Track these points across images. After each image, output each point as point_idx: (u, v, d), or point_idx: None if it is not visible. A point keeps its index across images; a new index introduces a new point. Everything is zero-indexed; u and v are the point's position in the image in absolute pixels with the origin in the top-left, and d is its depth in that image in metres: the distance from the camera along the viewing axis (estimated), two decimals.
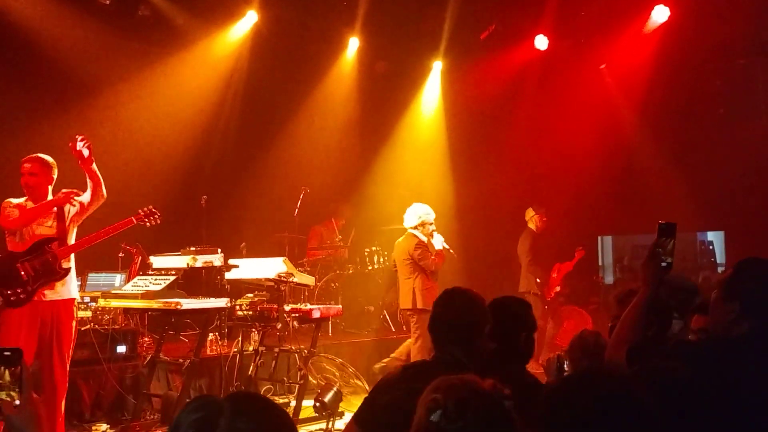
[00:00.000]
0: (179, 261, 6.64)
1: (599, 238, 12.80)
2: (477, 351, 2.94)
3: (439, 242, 7.50)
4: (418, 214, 7.58)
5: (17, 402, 1.84)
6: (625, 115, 10.98)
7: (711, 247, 12.64)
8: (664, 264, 2.80)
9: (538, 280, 9.08)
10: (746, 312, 2.63)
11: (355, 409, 7.06)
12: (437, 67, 11.39)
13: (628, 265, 12.81)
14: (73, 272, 5.53)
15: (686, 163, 10.80)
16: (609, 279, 12.90)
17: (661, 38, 9.80)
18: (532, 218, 9.32)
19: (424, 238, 7.53)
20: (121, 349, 7.01)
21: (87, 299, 7.07)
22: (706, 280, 9.25)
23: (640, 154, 11.11)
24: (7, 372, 1.86)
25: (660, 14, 9.63)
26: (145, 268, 7.09)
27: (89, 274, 7.46)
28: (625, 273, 12.58)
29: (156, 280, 6.58)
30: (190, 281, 6.78)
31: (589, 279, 11.21)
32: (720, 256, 12.29)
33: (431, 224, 7.58)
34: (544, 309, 9.10)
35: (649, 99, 10.54)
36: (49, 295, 5.34)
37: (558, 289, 9.23)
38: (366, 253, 9.76)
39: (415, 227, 7.57)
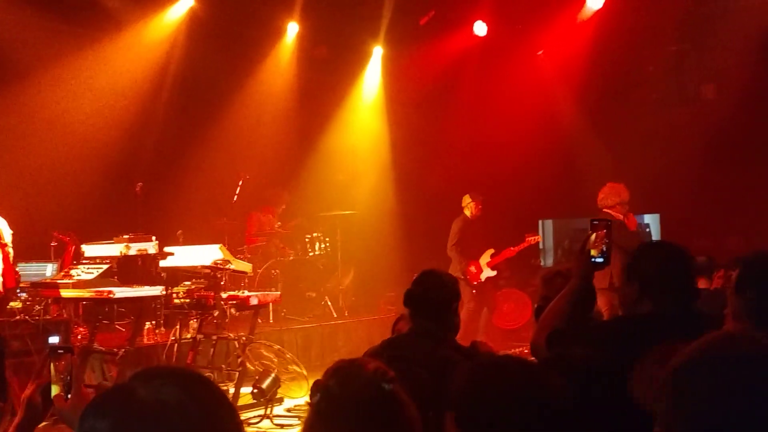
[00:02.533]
0: (112, 249, 6.56)
1: (540, 221, 12.99)
2: (448, 324, 3.42)
3: (633, 222, 7.26)
4: (617, 193, 7.28)
5: (68, 396, 1.94)
6: (563, 100, 11.17)
7: (648, 230, 12.96)
8: (599, 260, 2.88)
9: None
10: (645, 292, 2.74)
11: (293, 395, 7.08)
12: (377, 52, 11.37)
13: (569, 248, 13.06)
14: None
15: (622, 147, 11.05)
16: (549, 262, 13.12)
17: (597, 25, 10.00)
18: (468, 205, 9.40)
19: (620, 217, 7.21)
20: (54, 339, 6.86)
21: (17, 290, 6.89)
22: None
23: (579, 139, 11.32)
24: (53, 366, 1.96)
25: (595, 1, 9.80)
26: (79, 257, 6.97)
27: (18, 264, 7.25)
28: (565, 256, 12.82)
29: (89, 268, 6.49)
30: (125, 269, 6.69)
31: (528, 262, 11.39)
32: (656, 238, 12.63)
33: (626, 204, 7.25)
34: (471, 293, 9.19)
35: (586, 85, 10.74)
36: None
37: (493, 273, 9.30)
38: (307, 240, 9.74)
39: (612, 207, 7.25)
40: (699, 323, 2.79)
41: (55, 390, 1.96)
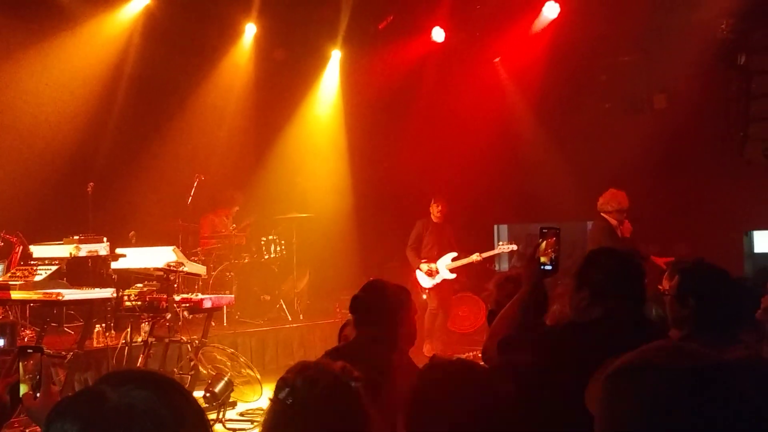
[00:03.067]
0: (62, 250, 6.45)
1: (495, 226, 13.13)
2: (393, 332, 3.38)
3: (627, 229, 7.42)
4: (617, 200, 7.40)
5: (38, 395, 1.99)
6: (518, 107, 11.31)
7: None
8: (548, 267, 2.92)
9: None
10: (596, 298, 2.79)
11: (248, 399, 7.01)
12: (336, 56, 11.36)
13: (523, 252, 13.21)
14: None
15: (576, 154, 11.24)
16: (504, 266, 13.26)
17: (553, 34, 10.14)
18: (431, 208, 9.48)
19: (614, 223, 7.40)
20: None
21: None
22: None
23: (534, 145, 11.48)
24: (21, 365, 2.01)
25: (551, 10, 9.94)
26: (27, 258, 6.82)
27: None
28: (520, 260, 12.95)
29: (37, 270, 6.36)
30: (75, 271, 6.58)
31: (483, 266, 11.49)
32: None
33: (624, 212, 7.41)
34: (426, 293, 9.29)
35: (542, 92, 10.89)
36: None
37: (451, 276, 9.34)
38: (263, 242, 9.66)
39: (610, 213, 7.37)
40: (649, 328, 2.86)
41: (23, 389, 2.00)
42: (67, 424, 1.21)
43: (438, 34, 10.55)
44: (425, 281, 9.26)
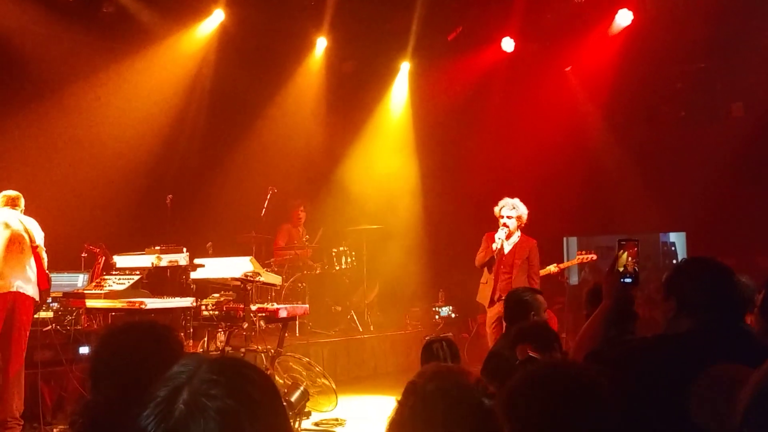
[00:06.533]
0: (144, 260, 6.60)
1: (564, 238, 12.92)
2: None
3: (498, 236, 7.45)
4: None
5: None
6: (589, 116, 11.14)
7: (673, 248, 12.84)
8: (628, 280, 2.87)
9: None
10: (683, 309, 2.71)
11: (322, 409, 7.03)
12: (405, 67, 11.42)
13: (594, 265, 12.96)
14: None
15: (649, 164, 11.00)
16: (574, 279, 13.02)
17: (625, 42, 9.95)
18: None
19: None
20: (84, 350, 6.90)
21: (49, 300, 6.95)
22: None
23: (605, 156, 11.28)
24: None
25: (624, 18, 9.76)
26: (109, 268, 7.03)
27: (51, 274, 7.31)
28: (592, 273, 12.71)
29: (120, 279, 6.54)
30: (154, 281, 6.73)
31: (554, 279, 11.30)
32: (682, 257, 12.49)
33: (499, 217, 7.55)
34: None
35: (613, 101, 10.71)
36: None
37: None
38: (333, 254, 9.74)
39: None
40: (746, 341, 2.76)
41: None
42: None
43: (508, 44, 10.50)
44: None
